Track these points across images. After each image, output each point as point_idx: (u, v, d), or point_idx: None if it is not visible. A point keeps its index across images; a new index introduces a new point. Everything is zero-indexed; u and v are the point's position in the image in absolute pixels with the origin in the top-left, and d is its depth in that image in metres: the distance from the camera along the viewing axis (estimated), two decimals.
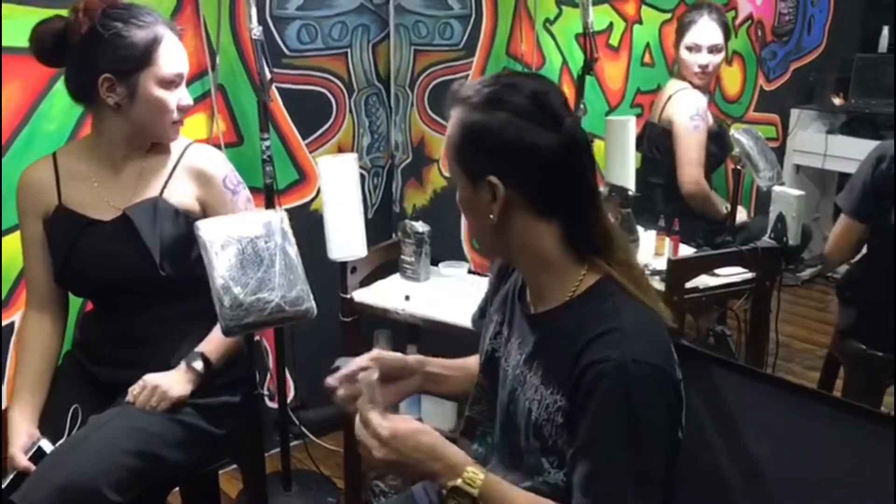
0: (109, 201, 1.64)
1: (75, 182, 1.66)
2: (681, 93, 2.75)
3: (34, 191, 1.67)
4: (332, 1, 2.49)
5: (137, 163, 1.66)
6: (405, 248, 2.12)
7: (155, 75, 1.58)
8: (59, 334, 1.73)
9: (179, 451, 1.59)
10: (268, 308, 1.45)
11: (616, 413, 1.07)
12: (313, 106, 2.54)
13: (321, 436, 2.63)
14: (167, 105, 1.61)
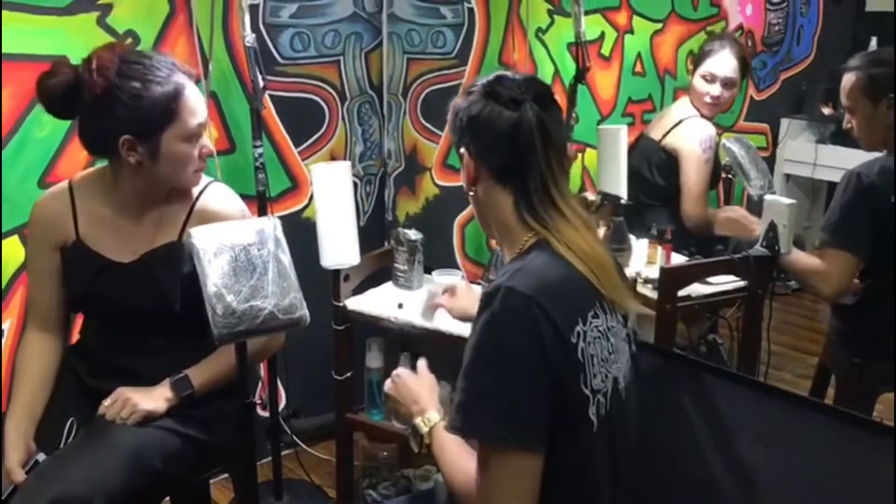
0: (128, 245, 1.64)
1: (93, 221, 1.64)
2: (692, 121, 2.67)
3: (50, 222, 1.65)
4: (325, 9, 2.49)
5: (157, 208, 1.65)
6: (398, 256, 2.12)
7: (178, 132, 1.56)
8: (60, 355, 1.72)
9: (172, 462, 1.58)
10: (261, 316, 1.44)
11: (480, 335, 1.17)
12: (306, 113, 2.54)
13: (313, 444, 2.62)
14: (192, 157, 1.60)
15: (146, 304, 1.62)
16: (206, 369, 1.65)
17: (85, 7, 2.02)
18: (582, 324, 1.20)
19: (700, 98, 2.69)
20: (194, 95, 1.58)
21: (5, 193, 1.97)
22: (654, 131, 2.77)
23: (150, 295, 1.61)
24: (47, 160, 2.00)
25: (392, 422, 2.03)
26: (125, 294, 1.63)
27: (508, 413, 1.13)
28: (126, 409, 1.55)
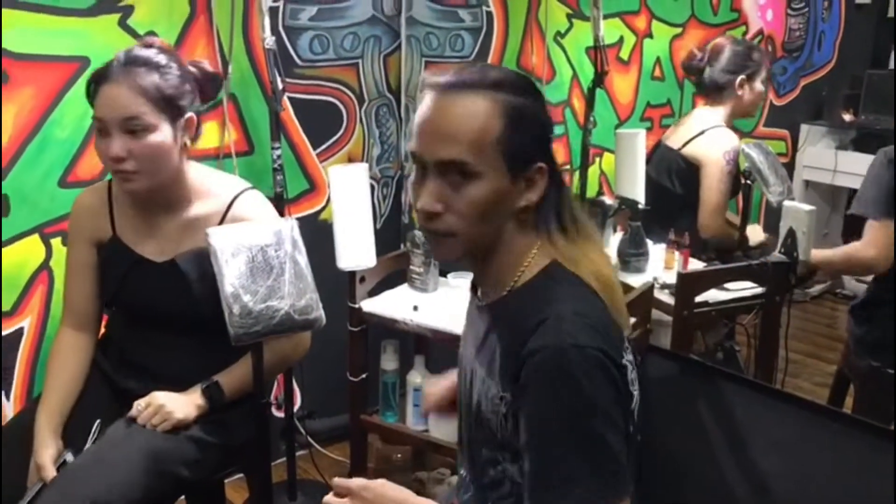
0: (161, 245, 1.65)
1: (129, 219, 1.67)
2: (717, 131, 2.63)
3: (87, 218, 1.68)
4: (344, 12, 2.50)
5: (187, 210, 1.65)
6: (414, 259, 2.12)
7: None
8: (92, 352, 1.73)
9: (194, 467, 1.59)
10: (277, 316, 1.45)
11: (557, 400, 1.03)
12: (324, 116, 2.55)
13: (327, 446, 2.63)
14: (101, 152, 1.55)
15: (174, 304, 1.63)
16: (235, 375, 1.64)
17: (106, 8, 2.04)
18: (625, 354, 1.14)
19: (754, 105, 2.70)
20: (113, 89, 1.51)
21: (26, 193, 1.99)
22: (672, 140, 2.73)
23: (178, 296, 1.61)
24: (68, 160, 2.02)
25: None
26: (155, 293, 1.64)
27: (611, 475, 1.04)
28: (158, 416, 1.56)
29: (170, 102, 1.55)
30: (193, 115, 1.61)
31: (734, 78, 2.64)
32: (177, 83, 1.57)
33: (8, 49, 1.92)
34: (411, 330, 1.96)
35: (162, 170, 1.56)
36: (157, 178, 1.56)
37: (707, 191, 2.60)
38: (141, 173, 1.53)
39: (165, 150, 1.54)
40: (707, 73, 2.67)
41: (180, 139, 1.59)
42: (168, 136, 1.55)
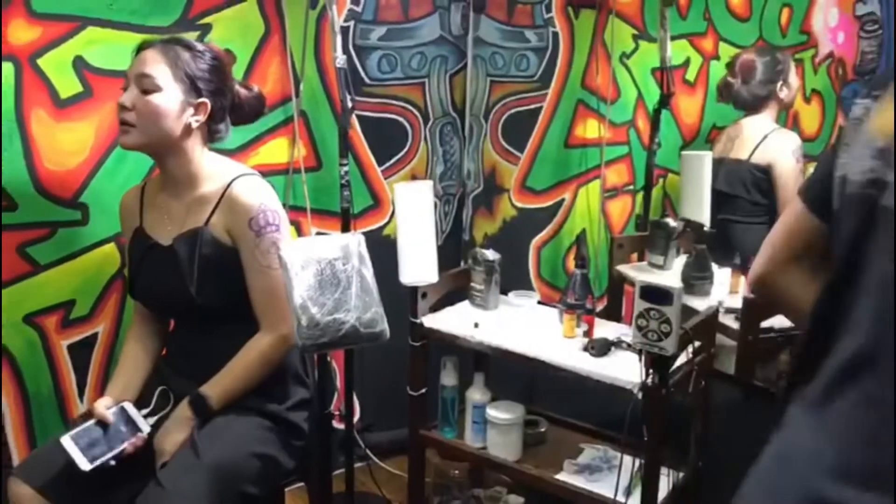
0: (170, 227, 1.73)
1: (152, 207, 1.77)
2: (779, 133, 2.71)
3: (125, 214, 1.82)
4: (412, 32, 2.55)
5: (193, 192, 1.72)
6: (475, 276, 2.14)
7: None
8: (154, 346, 1.83)
9: (258, 483, 1.64)
10: (343, 329, 1.48)
11: None
12: (390, 133, 2.59)
13: (385, 459, 2.65)
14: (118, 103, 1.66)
15: (173, 286, 1.69)
16: (222, 386, 1.68)
17: (186, 26, 2.12)
18: None
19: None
20: (146, 53, 1.66)
21: (105, 203, 2.07)
22: (737, 153, 2.76)
23: (176, 278, 1.68)
24: (145, 172, 2.10)
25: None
26: (159, 276, 1.72)
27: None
28: (160, 459, 1.62)
29: (189, 77, 1.65)
30: (208, 102, 1.68)
31: (774, 86, 2.73)
32: (205, 69, 1.68)
33: (91, 64, 2.01)
34: (471, 346, 1.97)
35: (156, 131, 1.64)
36: (150, 138, 1.65)
37: (783, 191, 2.64)
38: (137, 128, 1.63)
39: (164, 113, 1.63)
40: (745, 91, 2.76)
41: (187, 115, 1.66)
42: (173, 104, 1.64)
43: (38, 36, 1.93)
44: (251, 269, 1.67)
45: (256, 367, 1.68)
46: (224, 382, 1.67)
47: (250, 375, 1.67)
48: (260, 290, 1.66)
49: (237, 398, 1.68)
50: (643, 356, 1.62)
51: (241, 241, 1.67)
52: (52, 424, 2.11)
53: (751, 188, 2.72)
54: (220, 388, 1.67)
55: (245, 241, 1.66)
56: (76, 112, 2.01)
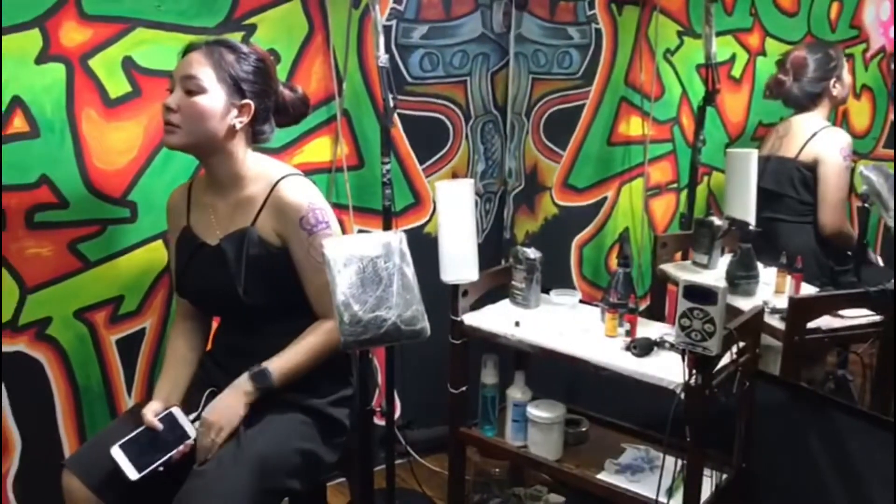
0: (216, 228, 1.75)
1: (199, 207, 1.80)
2: (828, 131, 2.66)
3: (173, 213, 1.84)
4: (454, 30, 2.55)
5: (238, 193, 1.74)
6: (516, 274, 2.13)
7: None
8: (199, 342, 1.87)
9: (300, 478, 1.66)
10: (384, 326, 1.49)
11: None
12: (431, 131, 2.60)
13: (425, 456, 2.66)
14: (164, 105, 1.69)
15: (221, 285, 1.71)
16: (285, 359, 1.70)
17: (232, 27, 2.15)
18: None
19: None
20: (192, 55, 1.68)
21: (152, 201, 2.11)
22: (785, 150, 2.71)
23: (223, 277, 1.70)
24: (191, 170, 2.14)
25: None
26: (208, 277, 1.74)
27: None
28: (215, 436, 1.63)
29: (233, 80, 1.67)
30: (252, 104, 1.70)
31: (827, 83, 2.69)
32: (249, 71, 1.70)
33: (140, 65, 2.05)
34: (512, 345, 1.97)
35: (200, 132, 1.66)
36: (194, 139, 1.67)
37: (826, 188, 2.59)
38: (182, 128, 1.66)
39: (209, 114, 1.65)
40: (797, 88, 2.71)
41: (231, 117, 1.68)
42: (217, 106, 1.66)
43: (89, 37, 1.97)
44: (307, 267, 1.68)
45: (319, 349, 1.70)
46: (287, 358, 1.69)
47: (312, 356, 1.69)
48: (319, 286, 1.68)
49: (296, 377, 1.69)
50: (686, 356, 1.60)
51: (293, 242, 1.69)
52: (101, 417, 2.16)
53: (799, 187, 2.67)
54: (283, 362, 1.68)
55: (298, 240, 1.68)
56: (125, 112, 2.05)
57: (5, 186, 1.93)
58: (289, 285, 1.70)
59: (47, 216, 2.00)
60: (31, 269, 2.00)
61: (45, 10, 1.91)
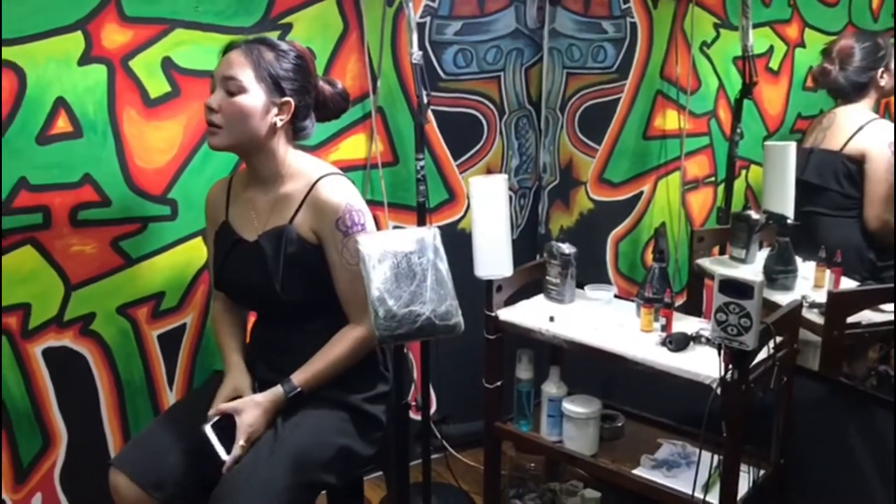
0: (255, 224, 1.77)
1: (238, 203, 1.82)
2: (876, 124, 2.61)
3: (212, 207, 1.87)
4: (488, 26, 2.55)
5: (278, 190, 1.76)
6: (551, 269, 2.14)
7: None
8: (239, 320, 1.91)
9: (336, 472, 1.68)
10: (419, 321, 1.51)
11: None
12: (465, 127, 2.61)
13: (461, 451, 2.67)
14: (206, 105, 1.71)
15: (259, 281, 1.73)
16: (310, 370, 1.71)
17: (268, 26, 2.18)
18: None
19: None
20: (232, 55, 1.70)
21: (192, 199, 2.15)
22: (829, 143, 2.67)
23: (261, 273, 1.72)
24: (230, 168, 2.17)
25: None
26: (244, 271, 1.76)
27: None
28: (247, 438, 1.65)
29: (273, 79, 1.68)
30: (292, 101, 1.71)
31: (874, 73, 2.65)
32: (288, 68, 1.71)
33: (179, 65, 2.09)
34: (547, 340, 1.97)
35: (242, 132, 1.69)
36: (237, 138, 1.70)
37: (873, 182, 2.56)
38: (224, 129, 1.68)
39: (250, 113, 1.67)
40: (843, 78, 2.67)
41: (272, 115, 1.70)
42: (258, 104, 1.68)
43: (130, 39, 2.01)
44: (339, 267, 1.70)
45: (346, 356, 1.72)
46: (314, 368, 1.71)
47: (339, 363, 1.71)
48: (350, 286, 1.70)
49: (324, 385, 1.72)
50: (722, 351, 1.59)
51: (327, 241, 1.70)
52: (143, 411, 2.21)
53: (843, 180, 2.63)
54: (310, 374, 1.70)
55: (332, 240, 1.69)
56: (165, 111, 2.09)
57: (50, 185, 1.98)
58: (326, 283, 1.72)
59: (90, 214, 2.04)
60: (75, 266, 2.05)
61: (87, 12, 1.95)
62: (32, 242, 1.98)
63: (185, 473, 1.65)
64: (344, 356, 1.71)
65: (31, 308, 2.02)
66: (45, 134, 1.95)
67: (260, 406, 1.67)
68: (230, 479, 1.58)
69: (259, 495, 1.54)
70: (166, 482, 1.64)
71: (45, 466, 2.10)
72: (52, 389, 2.08)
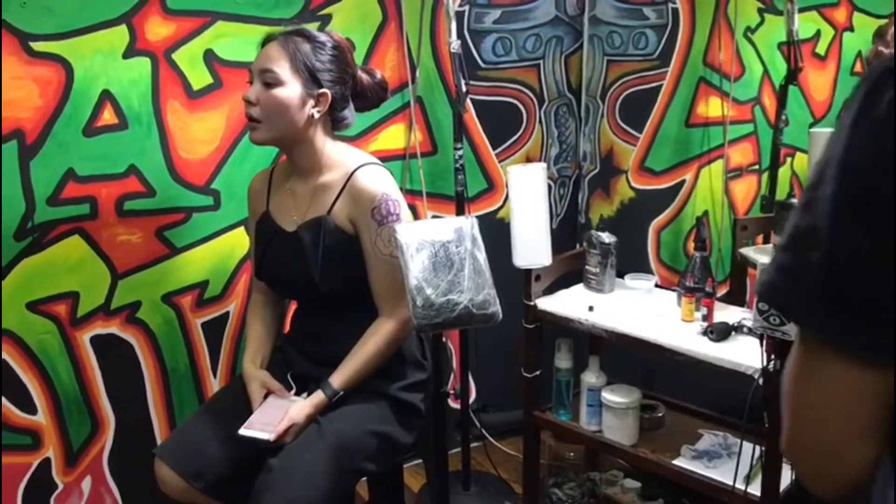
0: (294, 215, 1.79)
1: (279, 193, 1.84)
2: None
3: (254, 198, 1.90)
4: (527, 14, 2.54)
5: (316, 180, 1.78)
6: (590, 259, 2.12)
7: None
8: (276, 316, 1.93)
9: (376, 460, 1.70)
10: (456, 310, 1.51)
11: (832, 147, 0.71)
12: (504, 116, 2.60)
13: (500, 439, 2.68)
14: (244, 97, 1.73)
15: (297, 271, 1.74)
16: (346, 371, 1.73)
17: (308, 17, 2.20)
18: None
19: None
20: (269, 48, 1.71)
21: (234, 189, 2.18)
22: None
23: (300, 263, 1.73)
24: (271, 158, 2.20)
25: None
26: (284, 261, 1.78)
27: (837, 291, 0.65)
28: (291, 432, 1.67)
29: (309, 71, 1.69)
30: (329, 93, 1.72)
31: None
32: (325, 60, 1.71)
33: (220, 57, 2.12)
34: (586, 330, 1.97)
35: (281, 124, 1.70)
36: (276, 132, 1.71)
37: None
38: (263, 123, 1.70)
39: (287, 106, 1.68)
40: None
41: (309, 107, 1.71)
42: (295, 96, 1.69)
43: (173, 31, 2.05)
44: (372, 256, 1.71)
45: (380, 351, 1.74)
46: (349, 368, 1.73)
47: (374, 359, 1.73)
48: (381, 277, 1.71)
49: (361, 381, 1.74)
50: (764, 341, 1.57)
51: (362, 230, 1.71)
52: (188, 398, 2.26)
53: None
54: (347, 374, 1.73)
55: (367, 229, 1.70)
56: (207, 103, 2.12)
57: (96, 176, 2.03)
58: (364, 272, 1.74)
59: (135, 204, 2.09)
60: (121, 256, 2.09)
61: (131, 6, 1.99)
62: (80, 232, 2.03)
63: (225, 462, 1.69)
64: (378, 351, 1.72)
65: (80, 296, 2.07)
66: (92, 126, 2.00)
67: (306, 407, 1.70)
68: (273, 467, 1.61)
69: (301, 482, 1.57)
70: (207, 472, 1.67)
71: (94, 450, 2.16)
72: (100, 376, 2.14)
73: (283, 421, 1.65)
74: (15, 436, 2.05)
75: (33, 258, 1.99)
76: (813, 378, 0.68)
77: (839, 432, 0.67)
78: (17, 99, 1.91)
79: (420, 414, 1.79)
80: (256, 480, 1.62)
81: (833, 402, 0.67)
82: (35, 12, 1.89)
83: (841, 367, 0.65)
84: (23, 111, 1.92)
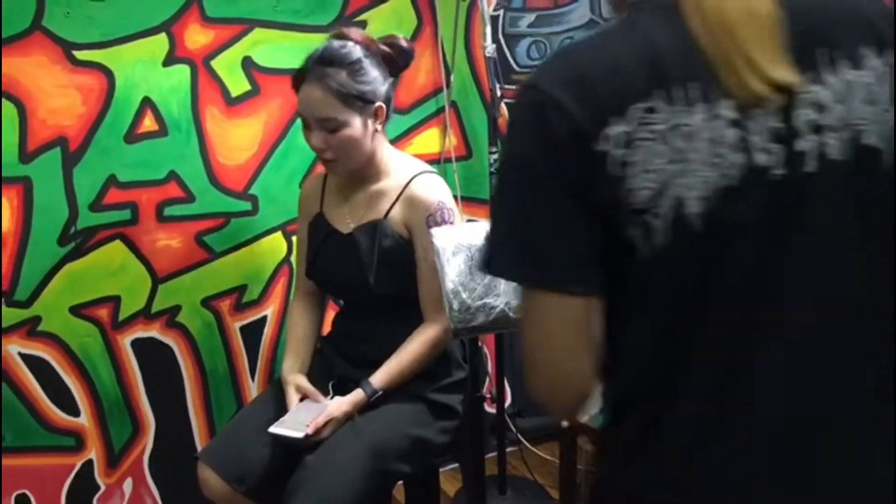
0: (349, 217, 1.80)
1: (333, 196, 1.85)
2: None
3: (306, 199, 1.92)
4: (561, 17, 2.53)
5: (373, 185, 1.79)
6: None
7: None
8: (316, 319, 1.95)
9: (411, 462, 1.71)
10: (493, 314, 1.51)
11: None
12: None
13: (536, 444, 2.66)
14: (310, 142, 1.73)
15: (351, 274, 1.76)
16: (388, 373, 1.75)
17: (344, 23, 2.21)
18: (621, 123, 0.79)
19: None
20: (309, 91, 1.68)
21: (272, 194, 2.20)
22: None
23: (354, 266, 1.75)
24: (307, 164, 2.21)
25: None
26: (338, 262, 1.80)
27: (523, 246, 0.84)
28: (331, 427, 1.69)
29: (359, 98, 1.68)
30: (382, 105, 1.72)
31: None
32: (367, 79, 1.70)
33: (258, 63, 2.14)
34: None
35: (356, 157, 1.73)
36: (353, 164, 1.74)
37: None
38: (339, 161, 1.72)
39: (357, 140, 1.70)
40: None
41: (371, 127, 1.72)
42: (358, 128, 1.70)
43: (211, 39, 2.08)
44: (421, 261, 1.73)
45: (422, 355, 1.75)
46: (390, 369, 1.74)
47: (415, 362, 1.74)
48: (427, 283, 1.73)
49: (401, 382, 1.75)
50: None
51: (416, 236, 1.74)
52: (227, 401, 2.28)
53: None
54: (388, 376, 1.74)
55: (420, 235, 1.72)
56: (245, 109, 2.15)
57: (137, 182, 2.06)
58: (415, 278, 1.76)
59: (175, 210, 2.12)
60: (161, 260, 2.13)
61: (171, 14, 2.02)
62: (121, 237, 2.07)
63: (266, 465, 1.70)
64: (420, 354, 1.74)
65: (121, 301, 2.10)
66: (133, 133, 2.03)
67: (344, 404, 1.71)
68: (308, 464, 1.62)
69: (336, 481, 1.58)
70: (248, 475, 1.69)
71: (135, 453, 2.19)
72: (141, 379, 2.17)
73: (322, 415, 1.66)
74: (59, 437, 2.09)
75: (76, 263, 2.03)
76: (536, 319, 0.86)
77: (564, 351, 0.85)
78: (61, 107, 1.95)
79: (456, 415, 1.80)
80: (291, 478, 1.63)
81: (554, 331, 0.85)
82: (78, 22, 1.93)
83: (550, 301, 0.84)
84: (67, 119, 1.96)
